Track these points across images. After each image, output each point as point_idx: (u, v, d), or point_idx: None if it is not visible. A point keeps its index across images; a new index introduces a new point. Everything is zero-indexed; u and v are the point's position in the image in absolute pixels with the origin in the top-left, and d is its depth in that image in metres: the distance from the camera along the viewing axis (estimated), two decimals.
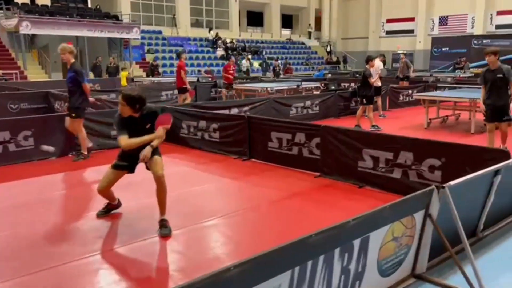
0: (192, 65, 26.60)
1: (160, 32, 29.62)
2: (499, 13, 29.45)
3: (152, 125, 4.39)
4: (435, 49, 31.33)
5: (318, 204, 5.35)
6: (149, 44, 28.01)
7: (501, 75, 6.95)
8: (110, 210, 4.89)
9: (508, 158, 4.48)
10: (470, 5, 30.71)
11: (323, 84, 12.86)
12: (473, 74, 21.03)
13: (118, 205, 4.92)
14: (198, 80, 17.19)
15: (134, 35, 25.31)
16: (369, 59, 10.64)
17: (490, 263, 3.75)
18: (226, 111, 9.35)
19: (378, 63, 11.20)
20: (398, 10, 35.29)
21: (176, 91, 13.62)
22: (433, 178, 5.09)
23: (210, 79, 19.00)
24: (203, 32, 31.99)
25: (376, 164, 5.61)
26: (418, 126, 10.56)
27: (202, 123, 7.88)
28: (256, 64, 30.95)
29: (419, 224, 3.29)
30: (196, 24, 33.47)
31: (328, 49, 37.93)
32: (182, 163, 7.31)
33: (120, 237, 4.44)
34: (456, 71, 23.24)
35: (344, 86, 16.53)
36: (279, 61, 25.81)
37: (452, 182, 3.27)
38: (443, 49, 30.83)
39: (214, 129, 7.67)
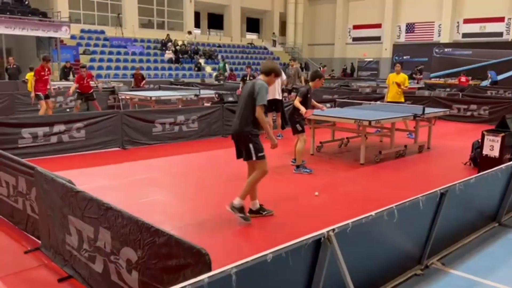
0: (133, 68, 24.10)
1: (103, 32, 27.33)
2: (466, 21, 27.47)
3: None
4: (396, 57, 29.19)
5: None
6: (88, 45, 25.64)
7: None
8: None
9: (208, 268, 2.19)
10: (437, 12, 28.72)
11: (217, 95, 10.60)
12: (423, 85, 18.85)
13: None
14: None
15: (63, 34, 23.09)
16: (317, 75, 7.06)
17: None
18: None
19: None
20: (365, 16, 33.25)
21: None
22: (130, 283, 2.79)
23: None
24: (153, 33, 29.74)
25: (80, 242, 3.30)
26: (309, 150, 8.32)
27: None
28: (209, 68, 28.72)
29: None
30: (148, 25, 31.24)
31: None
32: None
33: None
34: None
35: None
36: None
37: None
38: (405, 57, 28.68)
39: None
